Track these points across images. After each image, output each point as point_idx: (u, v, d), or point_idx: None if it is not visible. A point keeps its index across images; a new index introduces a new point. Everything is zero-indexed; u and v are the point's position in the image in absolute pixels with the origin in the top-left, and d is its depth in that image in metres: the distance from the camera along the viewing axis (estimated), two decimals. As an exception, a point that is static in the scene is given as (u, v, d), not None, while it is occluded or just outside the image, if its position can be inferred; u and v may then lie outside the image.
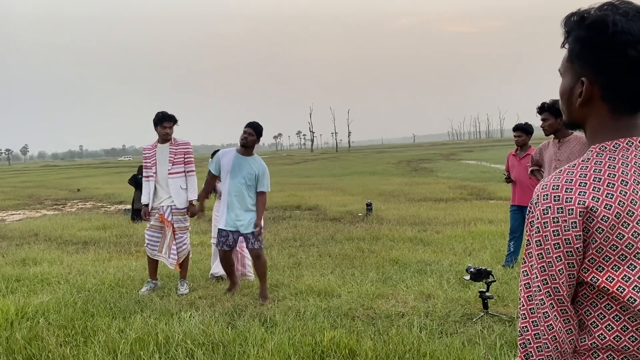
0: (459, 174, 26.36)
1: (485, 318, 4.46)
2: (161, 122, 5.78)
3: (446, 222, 10.48)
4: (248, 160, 5.43)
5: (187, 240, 5.94)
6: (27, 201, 20.72)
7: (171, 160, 5.80)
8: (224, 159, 5.46)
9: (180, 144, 5.90)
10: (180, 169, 5.85)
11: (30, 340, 4.06)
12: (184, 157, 5.88)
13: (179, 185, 5.82)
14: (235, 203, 5.34)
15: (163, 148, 5.86)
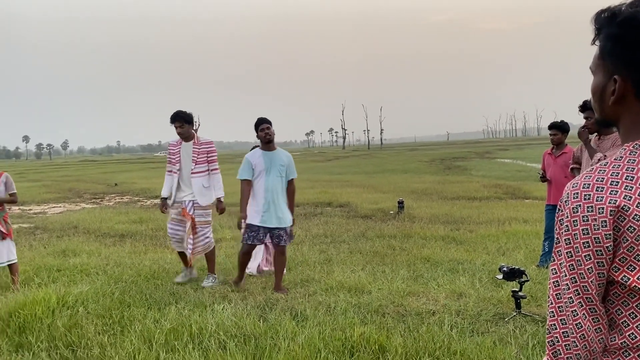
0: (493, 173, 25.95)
1: (517, 318, 4.41)
2: (172, 122, 5.98)
3: (480, 221, 10.35)
4: (275, 154, 5.56)
5: (210, 234, 6.07)
6: (67, 195, 21.37)
7: (194, 159, 5.95)
8: (253, 160, 5.52)
9: (203, 144, 6.03)
10: (203, 168, 5.99)
11: (70, 328, 4.21)
12: (206, 156, 6.01)
13: (201, 184, 5.97)
14: (275, 199, 5.44)
15: (187, 147, 6.01)
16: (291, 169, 5.62)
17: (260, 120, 5.57)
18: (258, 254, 6.40)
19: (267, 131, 5.50)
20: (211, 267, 6.07)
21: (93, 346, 3.90)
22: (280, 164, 5.51)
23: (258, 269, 6.35)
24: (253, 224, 5.49)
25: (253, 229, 5.49)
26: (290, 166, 5.62)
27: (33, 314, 4.39)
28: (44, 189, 24.29)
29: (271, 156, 5.52)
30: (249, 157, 5.60)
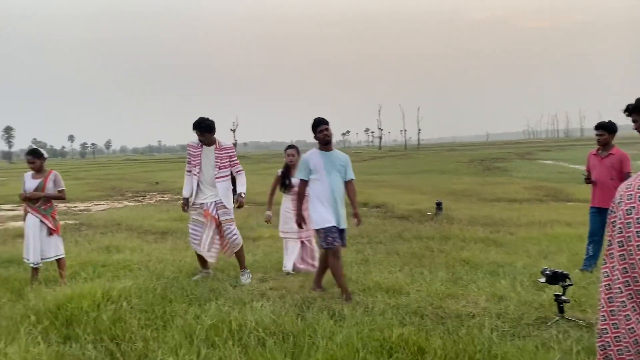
0: (534, 174, 25.37)
1: (560, 322, 4.31)
2: (195, 130, 6.06)
3: (520, 224, 10.15)
4: (334, 154, 5.45)
5: (236, 231, 6.17)
6: (110, 193, 21.99)
7: (217, 164, 6.07)
8: (312, 161, 5.40)
9: (225, 149, 6.14)
10: (226, 172, 6.13)
11: (114, 322, 4.34)
12: (229, 161, 6.14)
13: (226, 187, 6.12)
14: (337, 200, 5.34)
15: (208, 151, 6.10)
16: (349, 170, 5.51)
17: (318, 121, 5.41)
18: (294, 251, 6.43)
19: (325, 132, 5.36)
20: (242, 264, 6.18)
21: (137, 340, 4.00)
22: (340, 164, 5.42)
23: (294, 266, 6.38)
24: (331, 226, 5.27)
25: (332, 230, 5.27)
26: (349, 166, 5.51)
27: (80, 307, 4.54)
28: (88, 187, 25.07)
29: (330, 156, 5.41)
30: (308, 157, 5.46)
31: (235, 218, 6.29)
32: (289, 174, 6.57)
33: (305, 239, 6.51)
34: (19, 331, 4.14)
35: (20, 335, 4.05)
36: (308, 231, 6.47)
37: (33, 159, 6.06)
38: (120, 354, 3.78)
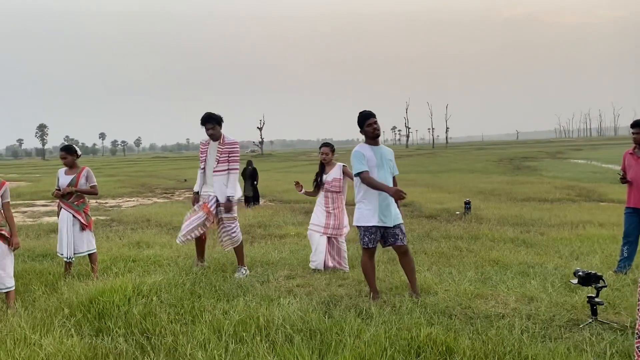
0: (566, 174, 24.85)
1: (593, 325, 4.20)
2: (203, 124, 6.18)
3: (551, 224, 9.96)
4: (382, 149, 5.25)
5: (237, 229, 6.29)
6: (139, 189, 22.38)
7: (217, 158, 6.18)
8: (367, 153, 5.14)
9: (227, 144, 6.21)
10: (224, 167, 6.20)
11: (145, 316, 4.41)
12: (228, 156, 6.19)
13: (222, 182, 6.20)
14: (386, 197, 5.05)
15: (213, 146, 6.24)
16: (394, 165, 5.34)
17: (366, 114, 5.17)
18: (319, 247, 6.41)
19: (375, 125, 5.14)
20: (240, 260, 6.35)
21: (166, 334, 4.06)
22: (389, 159, 5.21)
23: (325, 264, 6.37)
24: (370, 225, 5.05)
25: (371, 230, 5.05)
26: (393, 162, 5.34)
27: (111, 301, 4.63)
28: (119, 183, 25.56)
29: (380, 151, 5.18)
30: (361, 149, 5.16)
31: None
32: (322, 172, 6.57)
33: (333, 236, 6.48)
34: (53, 323, 4.25)
35: (54, 327, 4.16)
36: (338, 229, 6.45)
37: (65, 155, 6.21)
38: (151, 347, 3.83)
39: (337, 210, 6.48)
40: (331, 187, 6.47)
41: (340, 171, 6.52)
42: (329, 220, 6.45)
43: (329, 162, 6.59)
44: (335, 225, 6.45)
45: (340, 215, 6.49)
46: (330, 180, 6.49)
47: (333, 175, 6.51)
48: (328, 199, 6.49)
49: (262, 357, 3.52)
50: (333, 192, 6.48)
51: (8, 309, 4.81)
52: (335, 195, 6.48)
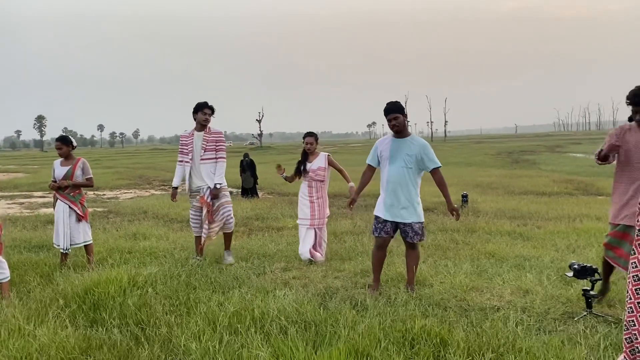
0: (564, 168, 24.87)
1: (588, 318, 4.21)
2: (202, 108, 6.27)
3: (548, 217, 9.97)
4: (406, 141, 5.03)
5: (232, 214, 6.47)
6: (137, 181, 22.35)
7: (203, 146, 6.27)
8: (381, 147, 5.15)
9: (214, 133, 6.35)
10: (210, 156, 6.32)
11: (140, 307, 4.40)
12: (215, 144, 6.32)
13: (209, 170, 6.33)
14: (397, 191, 4.97)
15: (199, 136, 6.32)
16: (429, 158, 5.00)
17: (385, 110, 5.01)
18: (306, 238, 6.48)
19: (393, 122, 4.97)
20: (228, 245, 6.55)
21: (161, 325, 4.05)
22: (407, 153, 4.96)
23: (311, 254, 6.40)
24: (378, 215, 5.12)
25: (379, 220, 5.09)
26: (427, 154, 4.99)
27: (106, 292, 4.63)
28: (117, 175, 25.53)
29: (399, 144, 5.01)
30: (378, 143, 5.20)
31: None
32: (306, 160, 6.65)
33: (317, 227, 6.56)
34: (48, 314, 4.24)
35: (49, 318, 4.15)
36: (321, 219, 6.54)
37: (60, 145, 6.19)
38: (145, 338, 3.83)
39: (320, 200, 6.58)
40: (316, 175, 6.55)
41: (325, 160, 6.63)
42: (314, 211, 6.55)
43: (312, 151, 6.67)
44: (320, 215, 6.56)
45: (323, 204, 6.63)
46: (315, 168, 6.56)
47: (318, 164, 6.60)
48: (312, 188, 6.57)
49: (256, 348, 3.51)
50: (317, 181, 6.57)
51: (3, 300, 4.80)
52: (319, 184, 6.58)
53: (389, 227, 5.06)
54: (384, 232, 5.08)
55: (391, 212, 5.02)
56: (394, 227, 5.08)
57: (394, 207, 5.01)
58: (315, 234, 6.57)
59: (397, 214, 5.00)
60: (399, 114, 4.97)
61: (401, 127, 5.01)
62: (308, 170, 6.57)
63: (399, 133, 5.05)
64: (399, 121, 4.98)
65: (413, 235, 5.02)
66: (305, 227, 6.56)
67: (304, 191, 6.63)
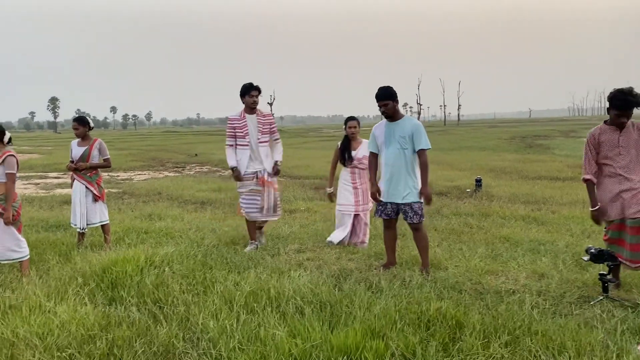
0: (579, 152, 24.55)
1: (604, 302, 4.19)
2: (249, 91, 6.12)
3: (563, 202, 9.89)
4: (399, 124, 5.13)
5: (280, 199, 6.44)
6: (151, 163, 22.49)
7: (260, 130, 6.19)
8: (377, 132, 5.27)
9: (266, 116, 6.32)
10: (266, 139, 6.25)
11: (157, 286, 4.46)
12: (269, 127, 6.28)
13: (267, 152, 6.25)
14: (393, 173, 5.11)
15: (252, 119, 6.20)
16: (418, 139, 5.04)
17: (376, 97, 5.13)
18: (347, 226, 6.34)
19: (383, 108, 5.11)
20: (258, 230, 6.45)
21: (178, 304, 4.11)
22: (400, 135, 5.06)
23: (343, 241, 6.32)
24: (380, 198, 5.28)
25: (381, 203, 5.27)
26: (418, 135, 5.04)
27: (124, 271, 4.69)
28: (130, 157, 25.70)
29: (393, 127, 5.13)
30: (374, 128, 5.34)
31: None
32: (349, 147, 6.42)
33: (362, 212, 6.39)
34: (67, 292, 4.31)
35: (68, 296, 4.23)
36: (365, 205, 6.42)
37: (77, 125, 6.24)
38: (163, 316, 3.89)
39: (364, 186, 6.37)
40: (360, 164, 6.33)
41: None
42: (358, 197, 6.35)
43: (355, 137, 6.43)
44: (364, 200, 6.39)
45: (366, 190, 6.39)
46: (360, 157, 6.32)
47: (363, 153, 6.31)
48: (355, 174, 6.36)
49: (273, 327, 3.55)
50: (361, 169, 6.39)
51: (23, 277, 4.89)
52: (362, 172, 6.38)
53: (390, 209, 5.24)
54: (384, 214, 5.28)
55: (389, 194, 5.19)
56: (395, 208, 5.23)
57: (392, 188, 5.17)
58: (360, 220, 6.38)
59: (396, 195, 5.16)
60: (388, 101, 5.11)
61: (390, 112, 5.14)
62: (353, 158, 6.35)
63: (390, 117, 5.19)
64: (388, 107, 5.11)
65: (413, 216, 5.12)
66: (348, 214, 6.36)
67: (347, 178, 6.41)
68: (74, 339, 3.47)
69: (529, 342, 3.33)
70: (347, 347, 3.19)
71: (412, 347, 3.23)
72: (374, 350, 3.15)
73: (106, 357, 3.27)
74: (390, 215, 5.27)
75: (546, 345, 3.29)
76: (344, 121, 6.55)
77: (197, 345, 3.44)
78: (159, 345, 3.40)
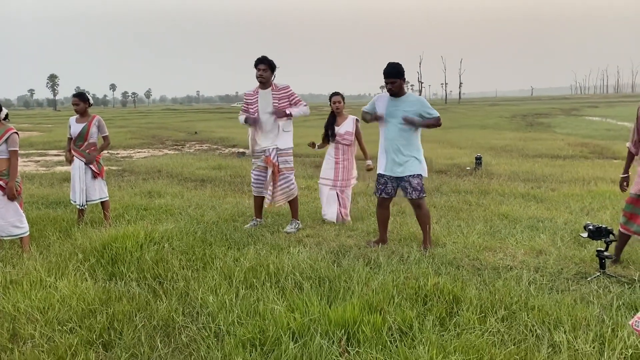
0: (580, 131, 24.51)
1: (601, 278, 4.22)
2: (256, 65, 5.87)
3: (563, 180, 9.89)
4: (400, 101, 5.13)
5: (294, 180, 6.10)
6: (150, 141, 22.43)
7: (275, 104, 5.88)
8: (378, 102, 5.25)
9: (282, 89, 5.94)
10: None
11: (157, 262, 4.49)
12: (288, 100, 5.95)
13: (282, 128, 5.95)
14: (393, 147, 5.12)
15: (265, 94, 5.92)
16: (427, 112, 5.08)
17: (384, 74, 5.08)
18: (331, 199, 6.43)
19: (390, 85, 5.07)
20: (294, 213, 6.16)
21: (178, 279, 4.14)
22: (404, 110, 5.06)
23: (337, 217, 6.38)
24: (379, 172, 5.29)
25: (380, 180, 5.27)
26: (425, 110, 5.08)
27: (124, 247, 4.71)
28: (130, 134, 25.62)
29: (396, 103, 5.12)
30: (376, 97, 5.35)
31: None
32: (333, 123, 6.47)
33: (339, 188, 6.47)
34: (68, 267, 4.35)
35: (69, 271, 4.26)
36: (345, 181, 6.47)
37: (78, 101, 6.21)
38: (163, 291, 3.92)
39: (346, 162, 6.46)
40: (343, 139, 6.41)
41: (353, 125, 6.46)
42: (338, 172, 6.44)
43: (340, 112, 6.51)
44: (344, 177, 6.46)
45: (349, 166, 6.48)
46: (342, 133, 6.42)
47: (346, 128, 6.43)
48: (338, 150, 6.46)
49: (272, 302, 3.58)
50: (344, 145, 6.44)
51: (24, 253, 4.92)
52: (346, 147, 6.44)
53: (390, 188, 5.25)
54: (385, 192, 5.28)
55: (390, 168, 5.20)
56: (395, 186, 5.24)
57: (393, 163, 5.17)
58: (338, 196, 6.47)
59: (396, 170, 5.16)
60: (397, 79, 5.09)
61: (397, 90, 5.13)
62: (335, 134, 6.42)
63: (394, 95, 5.17)
64: (395, 85, 5.09)
65: (412, 191, 5.13)
66: (327, 187, 6.47)
67: (331, 152, 6.51)
68: (75, 313, 3.51)
69: (525, 316, 3.36)
70: (345, 321, 3.22)
71: (409, 321, 3.27)
72: (372, 324, 3.18)
73: (106, 331, 3.30)
74: (390, 194, 5.27)
75: (542, 320, 3.33)
76: (329, 97, 6.62)
77: (197, 319, 3.47)
78: (159, 320, 3.44)
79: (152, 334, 3.28)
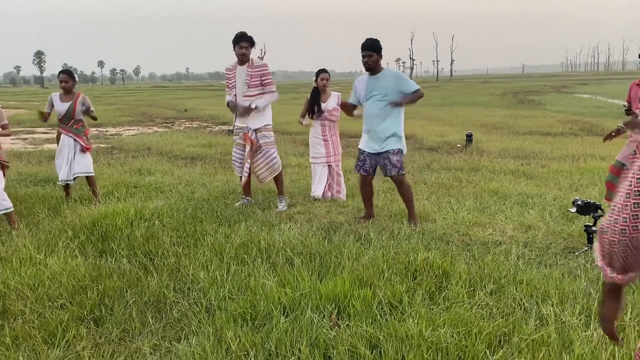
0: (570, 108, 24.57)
1: (589, 252, 4.27)
2: (238, 42, 5.69)
3: (552, 157, 9.95)
4: (377, 78, 5.15)
5: (276, 155, 5.99)
6: (140, 118, 22.22)
7: (247, 82, 5.75)
8: (358, 85, 5.31)
9: (257, 67, 5.76)
10: (255, 92, 5.77)
11: (147, 239, 4.49)
12: (260, 79, 5.76)
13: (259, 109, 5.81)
14: (374, 123, 5.15)
15: (241, 70, 5.80)
16: (405, 86, 5.06)
17: (363, 46, 5.12)
18: (322, 177, 6.46)
19: (366, 59, 5.10)
20: (280, 190, 6.11)
21: (169, 256, 4.14)
22: (382, 86, 5.09)
23: (323, 194, 6.43)
24: (359, 147, 5.39)
25: (360, 157, 5.34)
26: (402, 84, 5.07)
27: (114, 224, 4.70)
28: (119, 112, 25.35)
29: (374, 81, 5.16)
30: (356, 82, 5.39)
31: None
32: (319, 99, 6.46)
33: (334, 163, 6.50)
34: (58, 244, 4.33)
35: (58, 248, 4.24)
36: (336, 156, 6.50)
37: (67, 78, 6.11)
38: (153, 268, 3.92)
39: (334, 137, 6.51)
40: (330, 115, 6.42)
41: (338, 100, 6.45)
42: (328, 148, 6.45)
43: (325, 89, 6.48)
44: (335, 152, 6.50)
45: (336, 141, 6.54)
46: (330, 109, 6.41)
47: (333, 105, 6.44)
48: (325, 127, 6.45)
49: (263, 277, 3.60)
50: (331, 121, 6.44)
51: (12, 230, 4.89)
52: (332, 124, 6.47)
53: (368, 165, 5.30)
54: (363, 169, 5.34)
55: (369, 145, 5.25)
56: (373, 164, 5.29)
57: (373, 140, 5.21)
58: (330, 172, 6.49)
59: (376, 146, 5.21)
60: (373, 52, 5.11)
61: (372, 65, 5.13)
62: (323, 110, 6.37)
63: (371, 70, 5.19)
64: (372, 59, 5.10)
65: (391, 168, 5.16)
66: (320, 165, 6.44)
67: (317, 131, 6.45)
68: (65, 289, 3.50)
69: (513, 290, 3.41)
70: (336, 296, 3.25)
71: (399, 296, 3.30)
72: (362, 298, 3.21)
73: (97, 307, 3.31)
74: (368, 171, 5.32)
75: (530, 293, 3.37)
76: (316, 73, 6.58)
77: (188, 295, 3.48)
78: (150, 295, 3.45)
79: (143, 309, 3.29)
